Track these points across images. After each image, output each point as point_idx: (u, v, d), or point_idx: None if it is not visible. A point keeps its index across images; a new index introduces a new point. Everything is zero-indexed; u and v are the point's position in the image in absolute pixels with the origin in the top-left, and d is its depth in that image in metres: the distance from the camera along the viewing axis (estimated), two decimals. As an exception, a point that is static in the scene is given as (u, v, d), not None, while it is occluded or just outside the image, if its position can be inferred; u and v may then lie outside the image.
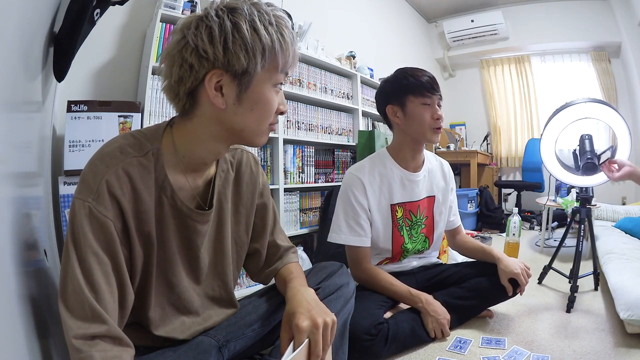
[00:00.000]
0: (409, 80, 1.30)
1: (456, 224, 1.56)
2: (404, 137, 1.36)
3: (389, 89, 1.35)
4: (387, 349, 1.15)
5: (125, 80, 1.72)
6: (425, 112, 1.29)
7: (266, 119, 0.68)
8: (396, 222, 1.37)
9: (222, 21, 0.61)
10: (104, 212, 0.60)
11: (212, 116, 0.66)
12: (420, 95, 1.28)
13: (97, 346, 0.55)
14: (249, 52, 0.62)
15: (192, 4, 1.73)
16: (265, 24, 0.63)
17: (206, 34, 0.60)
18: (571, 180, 1.68)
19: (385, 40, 3.82)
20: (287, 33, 0.66)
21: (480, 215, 3.63)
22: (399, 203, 1.37)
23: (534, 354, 1.15)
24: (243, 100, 0.65)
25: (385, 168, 1.36)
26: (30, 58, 0.78)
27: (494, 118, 4.75)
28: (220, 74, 0.62)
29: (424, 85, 1.28)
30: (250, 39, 0.61)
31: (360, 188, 1.31)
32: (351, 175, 1.34)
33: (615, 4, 3.74)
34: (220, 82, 0.63)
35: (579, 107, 1.59)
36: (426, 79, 1.29)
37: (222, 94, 0.64)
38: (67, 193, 1.30)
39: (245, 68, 0.62)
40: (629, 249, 1.87)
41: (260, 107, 0.67)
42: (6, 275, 0.55)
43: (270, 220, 0.90)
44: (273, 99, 0.68)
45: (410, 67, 1.36)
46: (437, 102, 1.31)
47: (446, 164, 1.53)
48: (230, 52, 0.61)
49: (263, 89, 0.66)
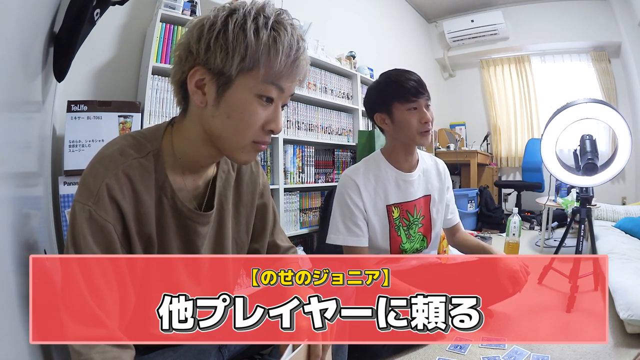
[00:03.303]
0: (392, 86, 1.28)
1: (454, 222, 1.56)
2: (394, 141, 1.37)
3: (375, 97, 1.34)
4: (387, 348, 1.15)
5: (125, 80, 1.72)
6: (412, 117, 1.27)
7: (245, 130, 0.63)
8: (393, 223, 1.37)
9: (216, 20, 0.60)
10: (104, 216, 0.59)
11: (196, 115, 0.65)
12: (406, 101, 1.26)
13: (96, 348, 0.55)
14: (228, 52, 0.59)
15: (192, 4, 1.74)
16: (259, 27, 0.59)
17: (197, 31, 0.60)
18: (572, 180, 1.68)
19: (385, 40, 3.82)
20: (283, 41, 0.60)
21: (480, 215, 3.63)
22: (394, 204, 1.37)
23: (534, 354, 1.15)
24: (220, 103, 0.62)
25: (380, 170, 1.37)
26: (30, 58, 0.78)
27: (494, 118, 4.75)
28: (203, 71, 0.61)
29: (409, 91, 1.25)
30: (232, 38, 0.58)
31: (355, 189, 1.32)
32: (346, 178, 1.35)
33: (615, 4, 3.74)
34: (203, 81, 0.62)
35: (580, 108, 1.59)
36: (411, 84, 1.26)
37: (203, 92, 0.62)
38: (67, 193, 1.30)
39: (221, 68, 0.59)
40: (629, 249, 1.87)
41: (236, 115, 0.62)
42: (6, 275, 0.55)
43: (271, 220, 0.90)
44: (254, 110, 0.62)
45: (395, 70, 1.33)
46: (425, 104, 1.28)
47: (441, 163, 1.53)
48: (211, 50, 0.59)
49: (242, 96, 0.61)
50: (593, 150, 1.60)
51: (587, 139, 1.64)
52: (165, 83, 1.63)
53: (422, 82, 1.29)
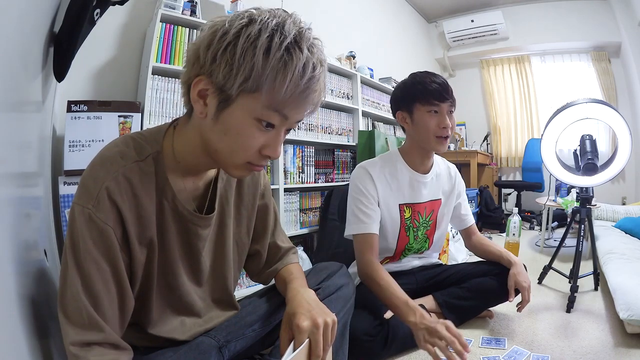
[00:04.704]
0: (416, 87, 1.28)
1: (468, 223, 1.53)
2: (412, 142, 1.36)
3: (399, 95, 1.35)
4: (387, 349, 1.15)
5: (125, 80, 1.72)
6: (431, 120, 1.26)
7: (240, 152, 0.60)
8: (404, 222, 1.37)
9: (229, 29, 0.55)
10: (104, 219, 0.59)
11: (197, 122, 0.63)
12: (427, 104, 1.26)
13: (93, 351, 0.56)
14: (232, 69, 0.54)
15: (192, 4, 1.73)
16: (272, 46, 0.54)
17: (209, 37, 0.57)
18: (572, 180, 1.68)
19: (385, 40, 3.82)
20: (295, 66, 0.54)
21: (480, 215, 3.63)
22: (407, 203, 1.37)
23: (534, 354, 1.15)
24: (219, 119, 0.59)
25: (396, 169, 1.36)
26: (30, 58, 0.77)
27: (494, 118, 4.75)
28: (207, 82, 0.57)
29: (432, 93, 1.25)
30: (240, 54, 0.54)
31: (369, 179, 1.31)
32: (361, 169, 1.35)
33: (615, 4, 3.74)
34: (207, 91, 0.58)
35: (580, 108, 1.59)
36: (435, 86, 1.25)
37: (205, 103, 0.59)
38: (67, 193, 1.30)
39: (222, 84, 0.56)
40: (629, 249, 1.87)
41: (232, 136, 0.59)
42: (6, 275, 0.55)
43: (271, 221, 0.90)
44: (251, 133, 0.59)
45: (422, 73, 1.33)
46: (448, 110, 1.27)
47: (453, 167, 1.52)
48: (216, 62, 0.55)
49: (240, 117, 0.57)
50: (593, 150, 1.60)
51: (587, 139, 1.64)
52: (165, 83, 1.63)
53: (448, 87, 1.27)
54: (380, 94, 3.13)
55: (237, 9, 1.91)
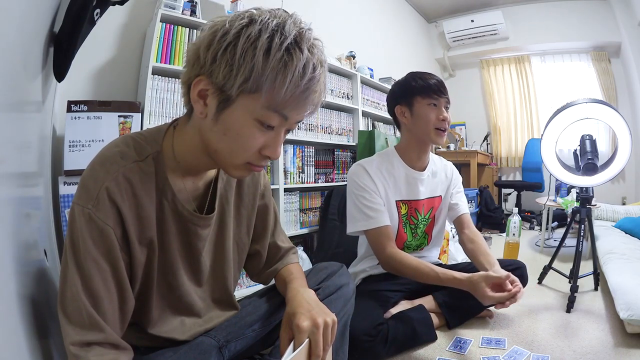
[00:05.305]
0: (417, 82, 1.35)
1: (460, 212, 1.46)
2: (410, 136, 1.39)
3: (398, 90, 1.40)
4: (387, 349, 1.15)
5: (125, 80, 1.72)
6: (431, 112, 1.32)
7: (240, 152, 0.60)
8: (401, 219, 1.39)
9: (230, 29, 0.55)
10: (103, 219, 0.59)
11: (197, 123, 0.63)
12: (428, 97, 1.32)
13: (93, 351, 0.56)
14: (232, 70, 0.54)
15: (192, 4, 1.73)
16: (272, 47, 0.54)
17: (209, 37, 0.56)
18: (572, 180, 1.68)
19: (385, 40, 3.82)
20: (295, 66, 0.54)
21: (480, 215, 3.63)
22: (403, 200, 1.39)
23: (534, 354, 1.15)
24: (219, 119, 0.59)
25: (392, 165, 1.39)
26: (30, 58, 0.77)
27: (494, 118, 4.75)
28: (207, 82, 0.57)
29: (432, 88, 1.32)
30: (240, 55, 0.54)
31: (366, 175, 1.34)
32: (357, 166, 1.38)
33: (615, 4, 3.74)
34: (207, 91, 0.58)
35: (580, 108, 1.59)
36: (434, 82, 1.34)
37: (205, 103, 0.59)
38: (67, 193, 1.30)
39: (222, 84, 0.56)
40: (629, 249, 1.88)
41: (232, 136, 0.59)
42: (6, 275, 0.55)
43: (271, 221, 0.90)
44: (250, 134, 0.59)
45: (420, 71, 1.40)
46: (444, 105, 1.35)
47: (450, 165, 1.54)
48: (216, 63, 0.55)
49: (240, 118, 0.58)
50: (593, 150, 1.60)
51: (587, 139, 1.64)
52: (165, 83, 1.63)
53: (444, 85, 1.36)
54: (380, 94, 3.13)
55: (237, 9, 1.91)
